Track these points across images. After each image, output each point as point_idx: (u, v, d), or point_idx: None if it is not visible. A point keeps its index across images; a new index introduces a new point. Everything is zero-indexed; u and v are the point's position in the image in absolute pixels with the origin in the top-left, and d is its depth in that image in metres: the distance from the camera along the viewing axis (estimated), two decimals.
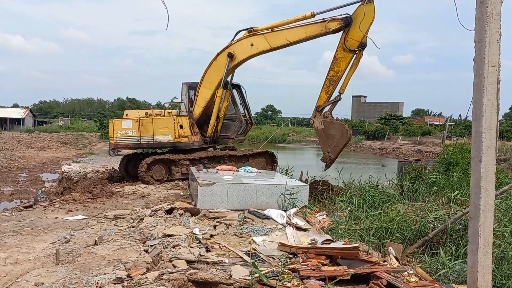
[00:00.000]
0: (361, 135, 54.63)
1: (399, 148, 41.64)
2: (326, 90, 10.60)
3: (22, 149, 32.55)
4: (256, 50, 11.26)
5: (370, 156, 39.88)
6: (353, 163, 30.62)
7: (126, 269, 4.56)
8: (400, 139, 52.61)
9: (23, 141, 37.34)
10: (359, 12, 9.93)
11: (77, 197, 9.29)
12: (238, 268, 4.61)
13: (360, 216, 7.78)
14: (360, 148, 46.14)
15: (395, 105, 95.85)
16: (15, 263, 4.98)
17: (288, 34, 10.91)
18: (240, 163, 12.81)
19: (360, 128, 60.76)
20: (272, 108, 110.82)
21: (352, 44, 10.14)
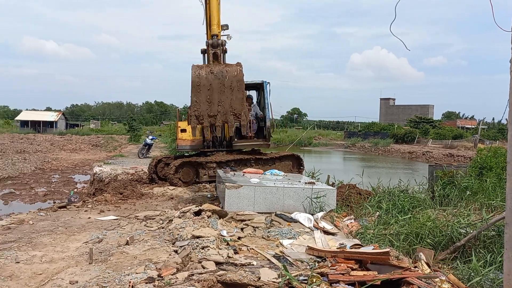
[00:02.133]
0: (389, 139, 53.73)
1: (429, 152, 40.73)
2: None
3: (55, 151, 33.56)
4: None
5: (399, 160, 39.17)
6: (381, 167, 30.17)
7: (157, 269, 4.65)
8: (430, 142, 51.48)
9: (56, 144, 38.49)
10: None
11: (108, 198, 9.52)
12: (266, 270, 4.62)
13: (389, 221, 7.67)
14: (388, 152, 45.39)
15: (425, 108, 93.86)
16: (51, 262, 5.14)
17: None
18: (267, 166, 12.84)
19: (388, 131, 59.80)
20: (298, 111, 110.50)
21: None
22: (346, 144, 56.17)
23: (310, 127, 69.78)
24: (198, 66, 8.61)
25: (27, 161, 24.56)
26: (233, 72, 8.20)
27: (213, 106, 8.25)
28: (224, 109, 8.18)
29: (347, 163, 35.97)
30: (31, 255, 5.32)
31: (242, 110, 8.09)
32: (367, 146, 51.15)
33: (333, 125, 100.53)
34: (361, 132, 63.90)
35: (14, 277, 4.60)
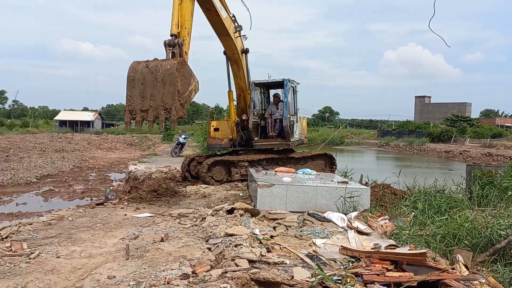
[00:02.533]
0: (425, 137, 52.37)
1: (467, 151, 39.45)
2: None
3: (91, 150, 34.56)
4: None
5: (435, 159, 38.14)
6: (416, 166, 29.47)
7: (191, 265, 4.72)
8: (468, 141, 49.83)
9: (92, 143, 39.64)
10: None
11: (143, 195, 9.73)
12: (299, 269, 4.61)
13: (425, 221, 7.50)
14: (424, 151, 44.27)
15: (462, 106, 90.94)
16: (89, 257, 5.31)
17: None
18: (299, 165, 12.78)
19: (424, 130, 58.30)
20: (330, 110, 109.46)
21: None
22: (380, 143, 55.16)
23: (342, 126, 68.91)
24: (137, 62, 8.70)
25: (65, 160, 25.41)
26: (166, 66, 8.13)
27: (146, 100, 8.28)
28: (156, 103, 8.17)
29: (380, 162, 35.33)
30: (70, 250, 5.51)
31: (173, 105, 8.00)
32: (401, 145, 50.07)
33: (366, 123, 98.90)
34: (395, 131, 62.58)
35: (55, 271, 4.77)
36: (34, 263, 4.96)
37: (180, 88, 8.06)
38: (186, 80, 8.36)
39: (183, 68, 8.25)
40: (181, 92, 8.09)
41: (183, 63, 8.28)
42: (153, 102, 8.18)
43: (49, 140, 37.99)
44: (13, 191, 15.99)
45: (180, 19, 9.13)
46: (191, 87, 8.55)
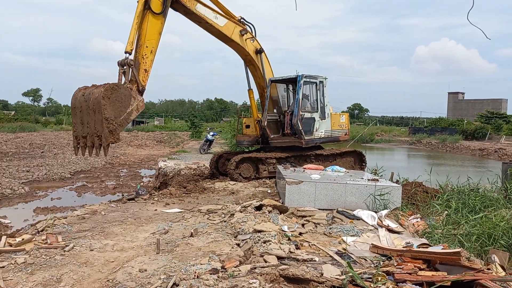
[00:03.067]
0: (458, 135, 50.90)
1: (503, 148, 38.10)
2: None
3: (122, 146, 35.28)
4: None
5: (469, 157, 37.03)
6: (449, 164, 28.71)
7: (220, 260, 4.75)
8: (504, 139, 48.12)
9: (123, 140, 40.43)
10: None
11: (173, 191, 9.87)
12: (329, 267, 4.57)
13: (459, 220, 7.30)
14: (457, 149, 43.05)
15: (498, 102, 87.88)
16: (121, 250, 5.42)
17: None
18: (327, 162, 12.66)
19: (457, 127, 56.67)
20: (359, 107, 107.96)
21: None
22: (411, 140, 53.99)
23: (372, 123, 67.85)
24: (79, 89, 8.84)
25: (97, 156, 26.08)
26: (95, 94, 8.19)
27: (84, 127, 8.49)
28: (91, 130, 8.35)
29: (412, 160, 34.60)
30: (103, 244, 5.64)
31: (103, 132, 8.09)
32: (433, 143, 48.85)
33: (396, 120, 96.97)
34: (427, 128, 61.08)
35: (89, 263, 4.90)
36: (68, 255, 5.10)
37: (110, 114, 8.12)
38: (121, 103, 8.39)
39: (115, 93, 8.26)
40: (110, 118, 8.15)
41: (113, 88, 8.26)
42: (89, 129, 8.41)
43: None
44: (48, 186, 16.54)
45: (146, 38, 9.32)
46: (130, 108, 8.59)
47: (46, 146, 32.39)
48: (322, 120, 12.83)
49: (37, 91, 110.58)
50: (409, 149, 46.56)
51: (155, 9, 9.50)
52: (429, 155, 38.78)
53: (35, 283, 4.29)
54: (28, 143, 33.89)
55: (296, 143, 12.35)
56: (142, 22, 9.41)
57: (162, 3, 9.70)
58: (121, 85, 8.51)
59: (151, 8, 9.42)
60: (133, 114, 8.79)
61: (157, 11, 9.55)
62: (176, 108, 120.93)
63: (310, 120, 12.54)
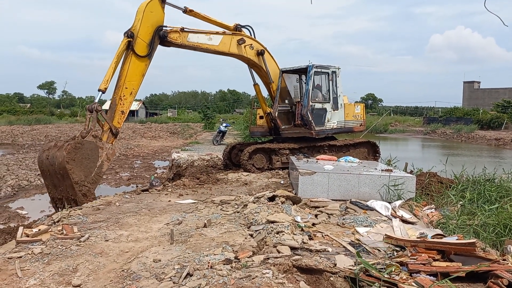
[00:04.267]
0: (473, 124, 50.12)
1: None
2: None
3: (136, 138, 35.59)
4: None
5: (485, 147, 36.48)
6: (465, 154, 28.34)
7: (234, 251, 4.78)
8: None
9: (137, 131, 40.79)
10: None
11: (186, 182, 9.92)
12: (342, 257, 4.56)
13: (474, 211, 7.22)
14: (472, 139, 42.43)
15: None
16: (136, 241, 5.49)
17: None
18: (341, 153, 12.59)
19: (472, 116, 55.79)
20: (373, 97, 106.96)
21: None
22: (426, 130, 53.37)
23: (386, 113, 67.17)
24: (43, 149, 8.52)
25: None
26: (59, 158, 7.81)
27: (58, 190, 8.15)
28: (63, 193, 8.02)
29: (426, 150, 34.22)
30: (118, 234, 5.71)
31: (76, 196, 7.80)
32: (448, 133, 48.22)
33: (410, 110, 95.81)
34: (442, 118, 60.26)
35: (104, 254, 4.97)
36: (84, 246, 5.17)
37: (79, 177, 7.81)
38: (89, 159, 8.10)
39: (79, 152, 7.93)
40: (81, 180, 7.88)
41: (76, 148, 7.90)
42: (62, 192, 8.10)
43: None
44: None
45: (126, 79, 9.05)
46: (100, 161, 8.31)
47: (61, 138, 32.81)
48: (334, 110, 12.72)
49: (52, 84, 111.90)
50: (423, 139, 46.05)
51: (140, 52, 9.19)
52: (444, 145, 38.33)
53: (51, 272, 4.37)
54: (44, 135, 34.40)
55: (307, 134, 12.31)
56: (124, 62, 9.11)
57: (148, 46, 9.35)
58: (84, 141, 8.12)
59: (134, 51, 9.10)
60: (105, 166, 8.49)
61: (142, 54, 9.25)
62: (189, 100, 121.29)
63: (321, 110, 12.46)
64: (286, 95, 13.08)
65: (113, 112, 9.03)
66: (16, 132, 35.90)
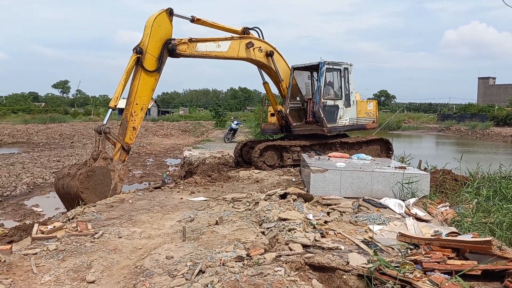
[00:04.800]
0: (489, 121, 49.41)
1: None
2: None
3: (148, 136, 35.82)
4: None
5: (500, 144, 35.94)
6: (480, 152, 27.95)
7: (246, 248, 4.77)
8: None
9: (149, 129, 41.07)
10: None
11: (198, 180, 9.95)
12: (355, 255, 4.52)
13: (490, 208, 7.11)
14: (487, 136, 41.84)
15: None
16: (149, 238, 5.52)
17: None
18: (353, 150, 12.51)
19: (487, 113, 54.99)
20: (386, 94, 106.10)
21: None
22: (440, 127, 52.79)
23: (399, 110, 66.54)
24: (58, 176, 8.55)
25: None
26: (73, 188, 7.88)
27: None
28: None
29: (440, 147, 33.84)
30: (131, 231, 5.75)
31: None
32: (463, 130, 47.63)
33: (424, 107, 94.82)
34: (456, 115, 59.53)
35: (118, 250, 5.00)
36: (98, 242, 5.22)
37: (94, 201, 7.80)
38: (102, 183, 8.15)
39: (92, 180, 7.97)
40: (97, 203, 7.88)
41: (88, 176, 7.95)
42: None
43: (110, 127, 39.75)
44: None
45: (137, 95, 9.13)
46: (113, 183, 8.38)
47: (75, 136, 33.22)
48: (346, 107, 12.62)
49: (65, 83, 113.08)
50: (437, 136, 45.57)
51: (149, 67, 9.23)
52: (458, 142, 37.87)
53: (66, 269, 4.41)
54: (58, 133, 34.83)
55: (318, 131, 12.26)
56: (133, 78, 9.18)
57: (157, 60, 9.40)
58: (95, 168, 8.18)
59: (143, 66, 9.16)
60: (118, 187, 8.57)
61: (151, 69, 9.30)
62: (200, 98, 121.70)
63: (333, 107, 12.39)
64: (297, 92, 13.03)
65: (125, 128, 9.15)
66: (31, 130, 36.41)
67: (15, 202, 12.20)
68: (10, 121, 50.06)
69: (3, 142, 30.11)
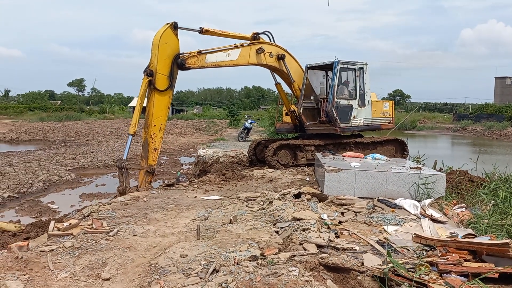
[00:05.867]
0: (506, 121, 48.55)
1: None
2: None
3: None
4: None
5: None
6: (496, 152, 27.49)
7: (260, 248, 4.77)
8: None
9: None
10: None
11: (212, 179, 9.99)
12: (369, 256, 4.49)
13: (507, 210, 6.98)
14: (504, 136, 41.13)
15: None
16: (163, 236, 5.56)
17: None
18: (367, 150, 12.41)
19: (504, 113, 54.03)
20: (400, 93, 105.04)
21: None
22: (455, 127, 52.04)
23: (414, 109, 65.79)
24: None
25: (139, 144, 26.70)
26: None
27: None
28: None
29: (456, 148, 33.39)
30: (146, 229, 5.79)
31: None
32: (479, 130, 46.89)
33: (440, 107, 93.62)
34: (473, 115, 58.65)
35: (132, 248, 5.05)
36: (113, 240, 5.27)
37: None
38: None
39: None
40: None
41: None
42: None
43: (125, 126, 40.08)
44: (92, 173, 17.18)
45: (153, 117, 9.31)
46: None
47: (90, 134, 33.57)
48: (361, 107, 12.52)
49: (81, 81, 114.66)
50: (453, 136, 44.96)
51: (161, 87, 9.34)
52: (474, 142, 37.29)
53: (82, 266, 4.47)
54: (74, 131, 35.24)
55: (331, 131, 12.21)
56: (148, 100, 9.33)
57: (169, 77, 9.45)
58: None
59: (156, 87, 9.26)
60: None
61: (163, 89, 9.40)
62: (214, 96, 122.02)
63: (347, 107, 12.31)
64: (311, 91, 12.97)
65: (147, 152, 9.41)
66: (47, 128, 36.92)
67: (32, 199, 12.40)
68: (26, 118, 50.90)
69: (20, 139, 30.60)
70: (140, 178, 9.41)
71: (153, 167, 9.44)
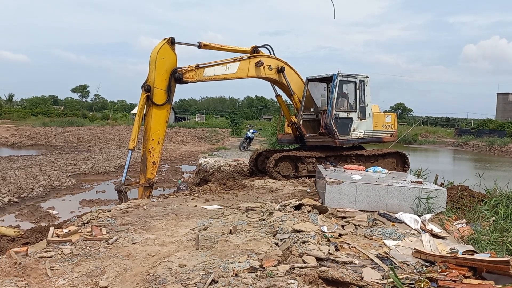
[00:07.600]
0: (507, 137, 48.52)
1: None
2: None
3: (164, 142, 36.09)
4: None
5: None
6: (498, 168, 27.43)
7: (259, 259, 4.75)
8: None
9: (166, 136, 41.29)
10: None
11: (213, 188, 9.98)
12: (369, 270, 4.47)
13: (508, 227, 6.96)
14: (506, 152, 41.04)
15: None
16: (162, 245, 5.54)
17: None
18: (368, 163, 12.40)
19: (506, 129, 54.00)
20: (403, 107, 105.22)
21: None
22: (457, 142, 51.97)
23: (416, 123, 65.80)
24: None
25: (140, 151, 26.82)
26: None
27: None
28: None
29: (457, 163, 33.34)
30: (145, 238, 5.78)
31: None
32: (481, 145, 46.79)
33: (441, 121, 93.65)
34: (474, 130, 58.57)
35: (131, 256, 5.03)
36: (112, 248, 5.26)
37: None
38: None
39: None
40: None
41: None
42: None
43: (127, 132, 40.17)
44: (93, 179, 17.19)
45: (151, 131, 9.38)
46: None
47: (92, 140, 33.65)
48: (361, 120, 12.54)
49: (85, 87, 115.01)
50: (454, 151, 44.87)
51: (159, 102, 9.39)
52: (476, 158, 37.23)
53: (80, 273, 4.45)
54: (76, 137, 35.33)
55: (330, 143, 12.23)
56: (146, 115, 9.41)
57: (166, 92, 9.51)
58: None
59: (154, 102, 9.34)
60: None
61: (161, 103, 9.45)
62: (217, 105, 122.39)
63: (347, 120, 12.34)
64: (311, 103, 13.02)
65: (145, 165, 9.48)
66: (50, 133, 37.02)
67: (32, 204, 12.40)
68: (29, 123, 51.07)
69: (22, 144, 30.69)
70: (139, 192, 9.41)
71: (152, 180, 9.45)
